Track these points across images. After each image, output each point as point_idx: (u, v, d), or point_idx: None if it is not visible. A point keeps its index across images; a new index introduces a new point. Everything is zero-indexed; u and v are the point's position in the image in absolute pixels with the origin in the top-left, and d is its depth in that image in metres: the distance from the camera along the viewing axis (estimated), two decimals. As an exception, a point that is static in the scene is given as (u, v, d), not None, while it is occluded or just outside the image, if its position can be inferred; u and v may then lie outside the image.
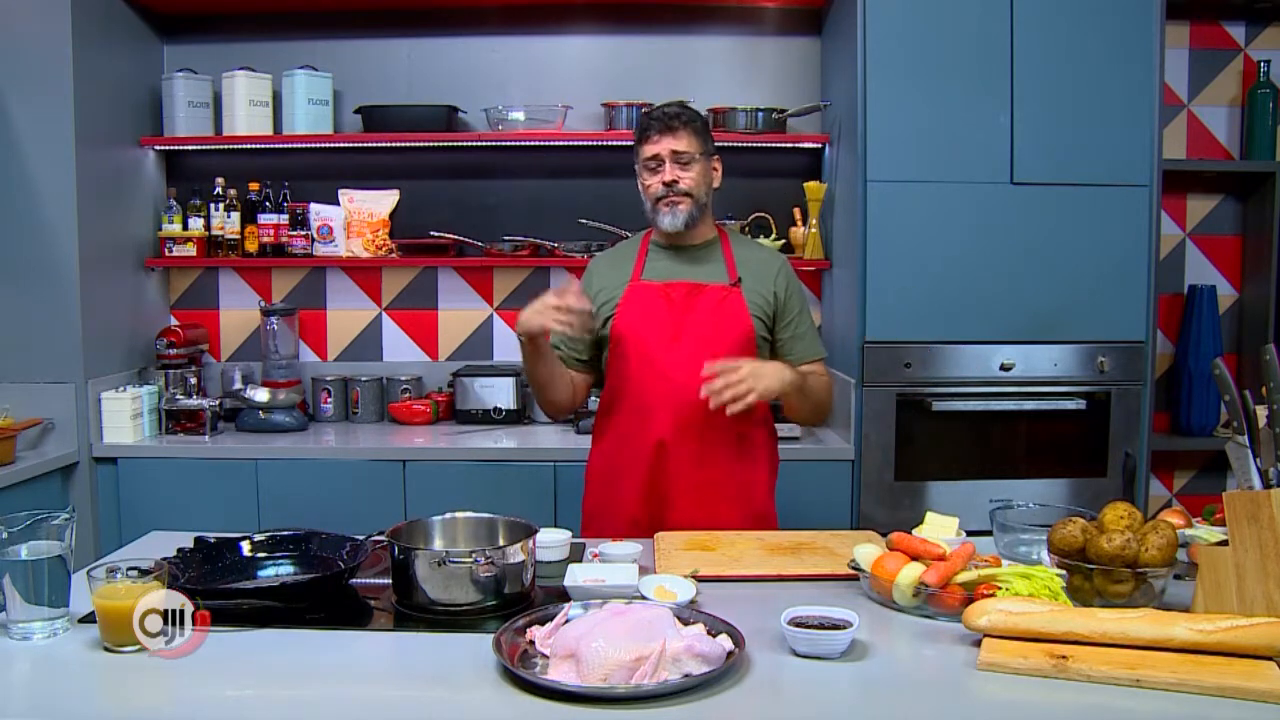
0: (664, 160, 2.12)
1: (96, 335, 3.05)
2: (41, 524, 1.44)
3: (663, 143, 2.12)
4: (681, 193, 2.12)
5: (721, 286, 2.15)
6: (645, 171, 2.15)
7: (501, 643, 1.33)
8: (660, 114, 2.15)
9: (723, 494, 2.13)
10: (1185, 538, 1.60)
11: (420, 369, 3.53)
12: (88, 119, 2.98)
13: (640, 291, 2.16)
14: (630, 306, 2.15)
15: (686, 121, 2.13)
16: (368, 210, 3.42)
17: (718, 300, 2.14)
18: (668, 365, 2.10)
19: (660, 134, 2.12)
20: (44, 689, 1.32)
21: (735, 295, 2.15)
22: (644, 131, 2.15)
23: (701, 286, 2.15)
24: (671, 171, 2.11)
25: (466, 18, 3.46)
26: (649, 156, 2.14)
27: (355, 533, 1.78)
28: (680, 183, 2.11)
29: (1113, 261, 2.97)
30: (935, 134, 2.93)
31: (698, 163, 2.13)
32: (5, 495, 2.63)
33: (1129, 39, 2.94)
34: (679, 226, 2.14)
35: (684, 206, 2.12)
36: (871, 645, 1.40)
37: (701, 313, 2.13)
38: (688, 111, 2.17)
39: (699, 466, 2.11)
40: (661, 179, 2.12)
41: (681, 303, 2.13)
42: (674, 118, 2.13)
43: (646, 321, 2.13)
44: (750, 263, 2.20)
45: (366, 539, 1.74)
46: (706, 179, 2.17)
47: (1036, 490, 2.95)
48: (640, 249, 2.24)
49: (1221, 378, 1.54)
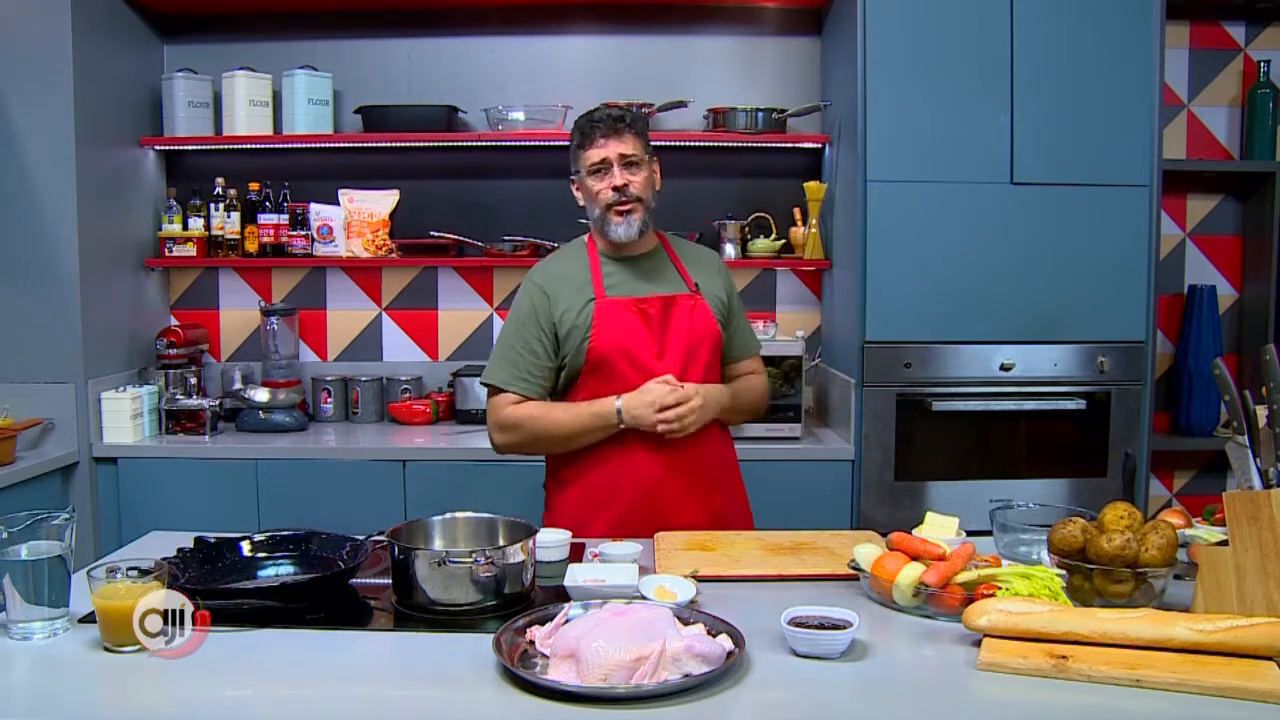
0: (612, 164, 2.05)
1: (96, 335, 3.06)
2: (41, 524, 1.44)
3: (609, 146, 2.05)
4: (633, 198, 2.06)
5: (687, 296, 2.12)
6: (590, 177, 2.08)
7: (501, 643, 1.33)
8: (605, 116, 2.07)
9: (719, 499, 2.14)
10: (1185, 538, 1.60)
11: (420, 369, 3.53)
12: (88, 119, 2.98)
13: (612, 309, 2.07)
14: (606, 326, 2.05)
15: (631, 124, 2.08)
16: (368, 210, 3.42)
17: (688, 310, 2.11)
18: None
19: (606, 137, 2.05)
20: (44, 689, 1.32)
21: (700, 303, 2.13)
22: (587, 136, 2.07)
23: (673, 298, 2.11)
24: (621, 176, 2.05)
25: (466, 18, 3.46)
26: (596, 161, 2.06)
27: (355, 533, 1.78)
28: (630, 187, 2.06)
29: (1113, 261, 2.97)
30: (935, 134, 2.93)
31: (643, 166, 2.08)
32: (5, 495, 2.63)
33: (1129, 39, 2.94)
34: (633, 236, 2.08)
35: (636, 214, 2.07)
36: (871, 645, 1.40)
37: (678, 325, 2.10)
38: (631, 113, 2.11)
39: (698, 478, 2.09)
40: (611, 183, 2.06)
41: (658, 318, 2.09)
42: (619, 120, 2.06)
43: (627, 340, 2.06)
44: (697, 267, 2.19)
45: (366, 539, 1.74)
46: (651, 182, 2.12)
47: (1036, 490, 2.95)
48: (590, 261, 2.14)
49: (1221, 378, 1.54)
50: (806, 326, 3.49)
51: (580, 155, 2.10)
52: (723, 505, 2.15)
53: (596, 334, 2.05)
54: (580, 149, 2.10)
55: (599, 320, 2.06)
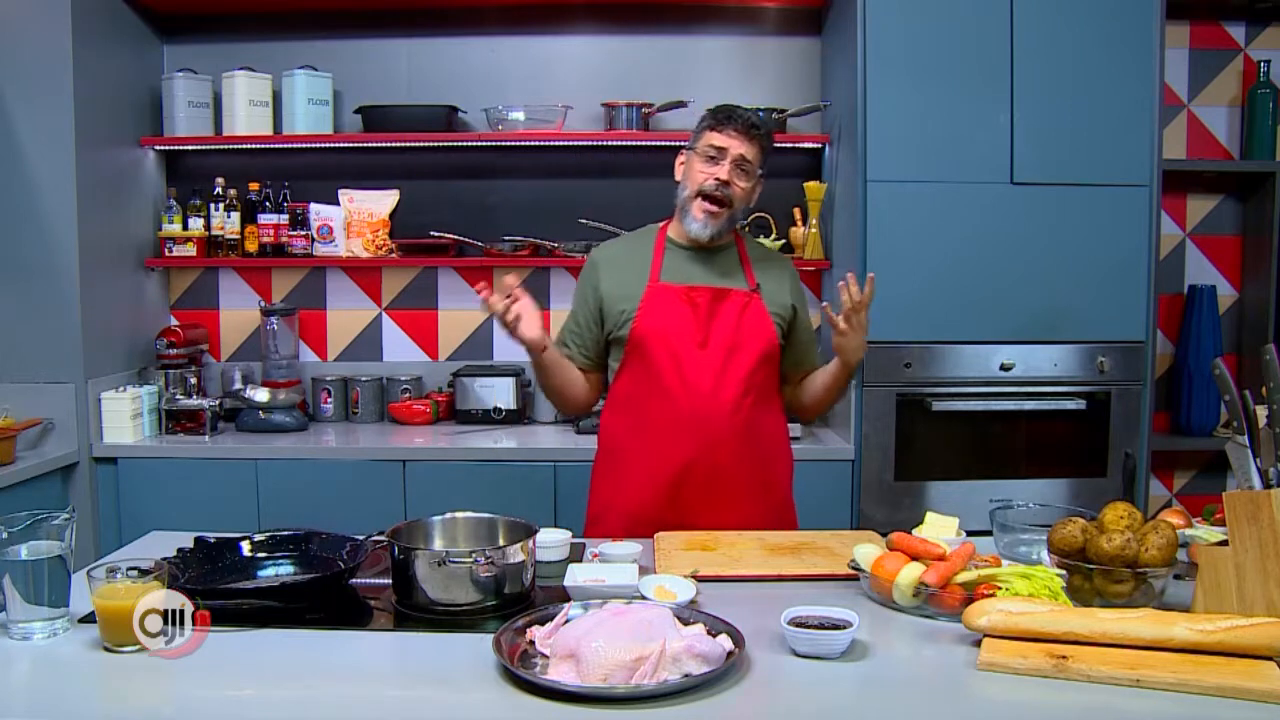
0: (727, 157, 2.07)
1: (96, 335, 3.06)
2: (41, 524, 1.44)
3: (735, 142, 2.06)
4: (728, 199, 2.08)
5: (743, 293, 2.13)
6: (699, 158, 2.09)
7: (501, 643, 1.33)
8: (744, 116, 2.08)
9: (747, 498, 2.11)
10: (1185, 538, 1.60)
11: (420, 369, 3.53)
12: (88, 119, 2.98)
13: (661, 294, 2.10)
14: (652, 309, 2.09)
15: (764, 135, 2.10)
16: (368, 210, 3.42)
17: (740, 307, 2.11)
18: (694, 372, 2.07)
19: (738, 132, 2.06)
20: (44, 689, 1.32)
21: (756, 302, 2.12)
22: (720, 122, 2.07)
23: (725, 291, 2.11)
24: (730, 173, 2.07)
25: (466, 18, 3.46)
26: (716, 144, 2.07)
27: (355, 533, 1.78)
28: (732, 188, 2.07)
29: (1113, 261, 2.97)
30: (935, 134, 2.93)
31: (752, 177, 2.10)
32: (5, 495, 2.63)
33: (1129, 39, 2.94)
34: (706, 237, 2.11)
35: (720, 219, 2.09)
36: (871, 645, 1.40)
37: (726, 319, 2.09)
38: (766, 124, 2.14)
39: (724, 473, 2.08)
40: (718, 174, 2.07)
41: (706, 308, 2.09)
42: (756, 127, 2.08)
43: (670, 326, 2.08)
44: (765, 269, 2.18)
45: (366, 539, 1.74)
46: (751, 196, 2.14)
47: (1036, 490, 2.95)
48: (656, 247, 2.17)
49: (1221, 378, 1.54)
50: (806, 326, 3.49)
51: (704, 134, 2.10)
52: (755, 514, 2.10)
53: (641, 315, 2.09)
54: (707, 129, 2.10)
55: (646, 303, 2.10)
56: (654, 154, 3.45)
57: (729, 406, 2.07)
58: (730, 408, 2.08)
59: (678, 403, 2.07)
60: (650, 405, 2.10)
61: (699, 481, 2.07)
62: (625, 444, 2.15)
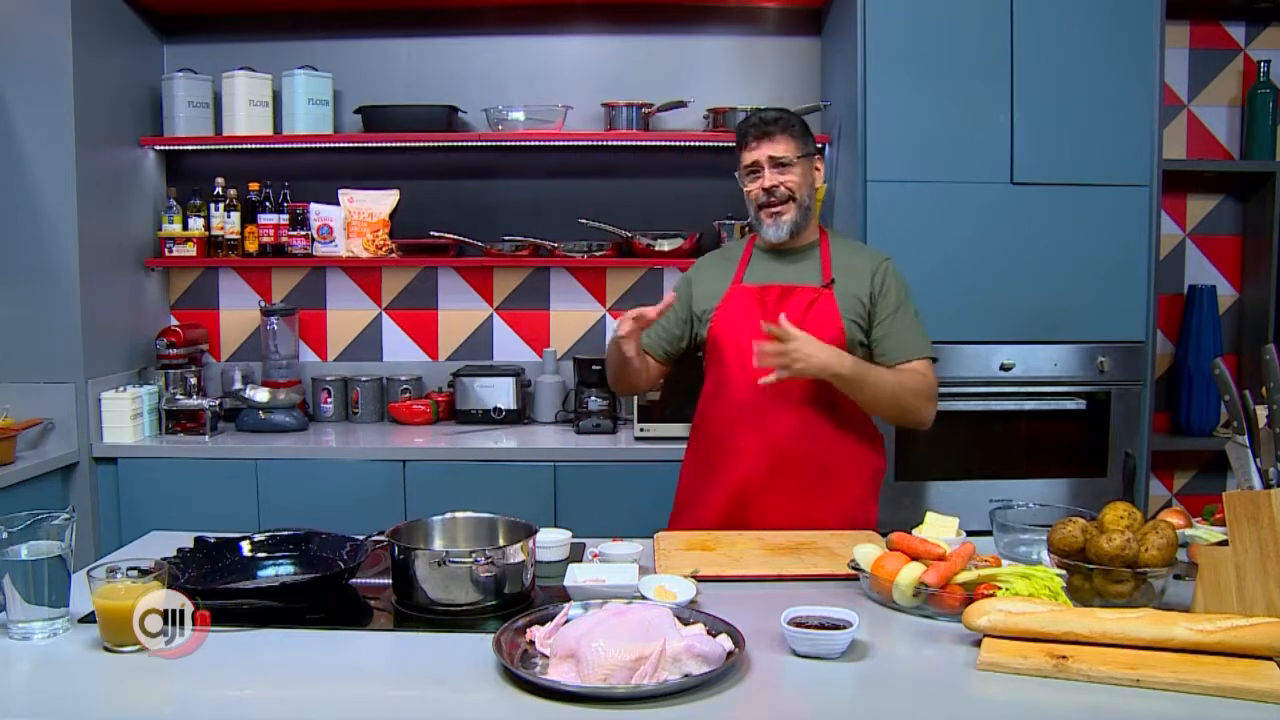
0: (762, 167, 2.12)
1: (96, 335, 3.05)
2: (41, 524, 1.44)
3: (760, 149, 2.12)
4: (783, 198, 2.12)
5: (813, 288, 2.14)
6: (746, 178, 2.17)
7: (501, 643, 1.33)
8: (757, 120, 2.14)
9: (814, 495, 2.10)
10: (1185, 538, 1.60)
11: (420, 369, 3.53)
12: (88, 119, 2.98)
13: (739, 295, 2.18)
14: (728, 309, 2.17)
15: (784, 126, 2.13)
16: (368, 210, 3.42)
17: (808, 301, 2.12)
18: (760, 368, 2.06)
19: (758, 140, 2.13)
20: (44, 689, 1.32)
21: (826, 296, 2.13)
22: (742, 139, 2.16)
23: (793, 288, 2.14)
24: (771, 177, 2.11)
25: (466, 18, 3.46)
26: (748, 164, 2.15)
27: (355, 533, 1.78)
28: (781, 187, 2.11)
29: (1113, 261, 2.97)
30: (935, 134, 2.93)
31: (797, 165, 2.13)
32: (5, 495, 2.63)
33: (1129, 39, 2.94)
34: (783, 237, 2.15)
35: (787, 216, 2.13)
36: (871, 645, 1.40)
37: (791, 315, 2.08)
38: (785, 115, 2.16)
39: (788, 470, 2.09)
40: (761, 185, 2.12)
41: (773, 305, 2.12)
42: (770, 123, 2.13)
43: (741, 324, 2.13)
44: (847, 264, 2.19)
45: (366, 539, 1.74)
46: (809, 180, 2.16)
47: (1036, 490, 2.95)
48: (745, 252, 2.26)
49: (1221, 378, 1.54)
50: (806, 326, 3.49)
51: (740, 158, 2.18)
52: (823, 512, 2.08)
53: (718, 315, 2.17)
54: (739, 151, 2.18)
55: (724, 303, 2.17)
56: (654, 154, 3.46)
57: (793, 402, 2.09)
58: (794, 404, 2.09)
59: (744, 397, 2.10)
60: (720, 402, 2.15)
61: (762, 479, 2.09)
62: (708, 439, 2.20)
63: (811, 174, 2.18)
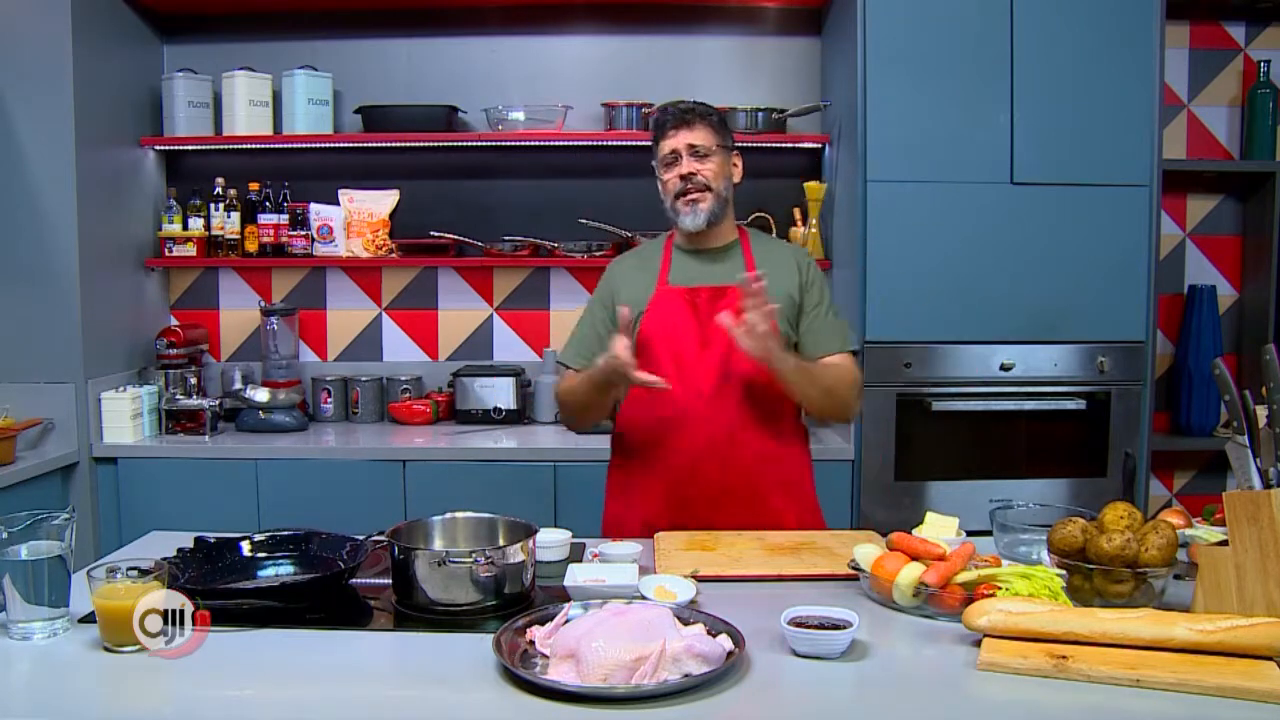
0: (680, 155, 2.10)
1: (96, 335, 3.05)
2: (41, 524, 1.44)
3: (679, 137, 2.11)
4: (700, 186, 2.10)
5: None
6: (663, 168, 2.14)
7: (501, 643, 1.33)
8: (675, 110, 2.14)
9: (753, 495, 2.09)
10: (1185, 538, 1.60)
11: (420, 369, 3.53)
12: (88, 119, 2.98)
13: (667, 296, 2.13)
14: (657, 312, 2.12)
15: (702, 115, 2.13)
16: (368, 210, 3.42)
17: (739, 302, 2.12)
18: (695, 372, 2.08)
19: (676, 128, 2.11)
20: (44, 689, 1.32)
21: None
22: (660, 128, 2.14)
23: (724, 289, 2.11)
24: (689, 164, 2.10)
25: (466, 18, 3.46)
26: (666, 153, 2.12)
27: (355, 533, 1.78)
28: (698, 175, 2.10)
29: (1113, 261, 2.97)
30: (935, 134, 2.93)
31: (715, 155, 2.12)
32: (5, 495, 2.63)
33: (1129, 39, 2.94)
34: (700, 225, 2.11)
35: (704, 204, 2.10)
36: (871, 645, 1.40)
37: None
38: (702, 106, 2.16)
39: (733, 473, 2.08)
40: (679, 172, 2.10)
41: (706, 307, 2.10)
42: (688, 112, 2.13)
43: (674, 327, 2.11)
44: (770, 261, 2.17)
45: (366, 539, 1.74)
46: (726, 172, 2.15)
47: (1036, 490, 2.95)
48: (664, 252, 2.21)
49: (1221, 378, 1.54)
50: (806, 326, 3.49)
51: (655, 149, 2.16)
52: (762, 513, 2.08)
53: (647, 319, 2.12)
54: (655, 143, 2.16)
55: (653, 307, 2.13)
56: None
57: (732, 405, 2.08)
58: (733, 406, 2.08)
59: (681, 404, 2.07)
60: (657, 408, 2.10)
61: (708, 481, 2.07)
62: (637, 448, 2.16)
63: (729, 167, 2.16)
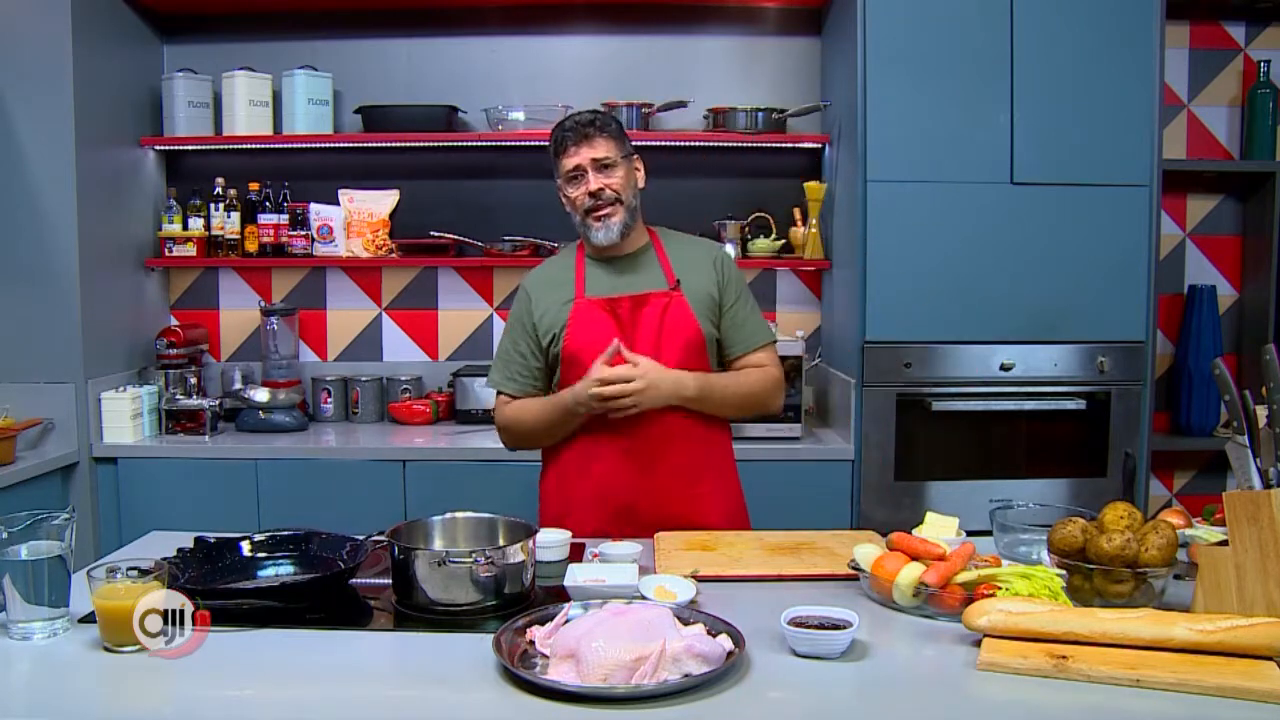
0: (585, 170, 2.06)
1: (96, 335, 3.05)
2: (41, 524, 1.44)
3: (581, 153, 2.05)
4: (610, 200, 2.06)
5: (663, 293, 2.10)
6: (568, 185, 2.09)
7: (501, 643, 1.33)
8: (573, 124, 2.08)
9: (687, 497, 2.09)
10: (1185, 538, 1.60)
11: (420, 369, 3.53)
12: (88, 119, 2.98)
13: (586, 309, 2.09)
14: (578, 325, 2.08)
15: (601, 127, 2.08)
16: (368, 210, 3.42)
17: (661, 308, 2.09)
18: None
19: (577, 144, 2.06)
20: (44, 689, 1.32)
21: (678, 299, 2.10)
22: (560, 145, 2.08)
23: (644, 297, 2.09)
24: (595, 180, 2.06)
25: (466, 18, 3.46)
26: (570, 169, 2.07)
27: (355, 533, 1.78)
28: (606, 190, 2.06)
29: (1113, 261, 2.97)
30: (935, 134, 2.93)
31: (619, 166, 2.08)
32: (5, 495, 2.63)
33: (1129, 39, 2.94)
34: (614, 239, 2.08)
35: (615, 218, 2.07)
36: (871, 645, 1.40)
37: (648, 324, 2.08)
38: (601, 116, 2.11)
39: (662, 478, 2.07)
40: (586, 189, 2.06)
41: (627, 317, 2.08)
42: (588, 125, 2.07)
43: (596, 338, 2.06)
44: (686, 262, 2.15)
45: (366, 539, 1.74)
46: (631, 181, 2.11)
47: (1036, 490, 2.95)
48: (577, 263, 2.17)
49: (1221, 378, 1.54)
50: (806, 326, 3.49)
51: (557, 165, 2.11)
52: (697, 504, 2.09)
53: (569, 334, 2.09)
54: (556, 158, 2.11)
55: (573, 320, 2.09)
56: (654, 154, 3.40)
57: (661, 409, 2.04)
58: (662, 411, 2.04)
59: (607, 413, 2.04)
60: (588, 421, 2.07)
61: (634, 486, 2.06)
62: (568, 463, 2.12)
63: (633, 174, 2.13)
